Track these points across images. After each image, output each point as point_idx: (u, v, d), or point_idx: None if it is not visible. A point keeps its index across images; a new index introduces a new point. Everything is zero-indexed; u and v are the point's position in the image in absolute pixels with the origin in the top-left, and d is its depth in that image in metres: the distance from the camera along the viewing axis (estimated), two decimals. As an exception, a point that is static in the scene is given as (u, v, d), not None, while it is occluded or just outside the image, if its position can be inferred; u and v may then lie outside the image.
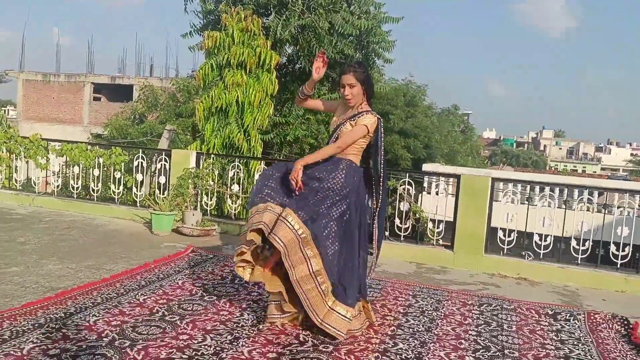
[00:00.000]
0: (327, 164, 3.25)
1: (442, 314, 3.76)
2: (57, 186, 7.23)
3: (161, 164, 6.66)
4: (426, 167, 15.81)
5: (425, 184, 11.61)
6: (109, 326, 3.03)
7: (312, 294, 3.01)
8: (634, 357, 3.21)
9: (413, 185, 5.85)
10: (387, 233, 5.81)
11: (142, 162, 6.82)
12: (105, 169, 7.00)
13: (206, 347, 2.86)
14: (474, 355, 3.04)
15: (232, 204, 6.43)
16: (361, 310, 3.29)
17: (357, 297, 3.23)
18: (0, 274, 3.90)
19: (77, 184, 7.06)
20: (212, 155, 6.74)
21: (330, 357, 2.85)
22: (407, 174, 5.94)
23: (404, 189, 5.82)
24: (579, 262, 5.18)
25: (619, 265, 5.05)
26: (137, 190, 6.80)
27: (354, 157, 3.30)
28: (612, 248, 5.12)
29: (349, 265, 3.15)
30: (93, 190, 7.01)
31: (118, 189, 6.89)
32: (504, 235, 5.40)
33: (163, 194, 6.49)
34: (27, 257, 4.41)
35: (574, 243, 5.21)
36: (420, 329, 3.40)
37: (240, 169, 6.47)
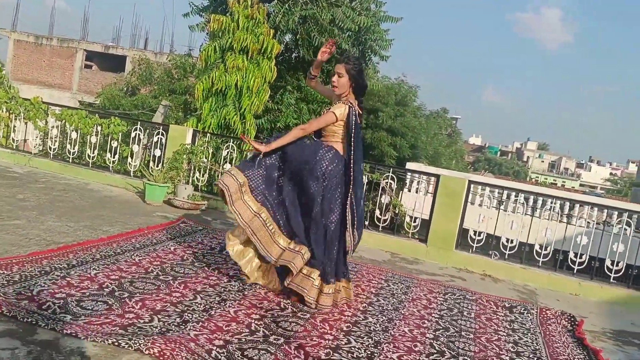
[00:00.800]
0: (312, 148, 3.54)
1: (410, 298, 4.14)
2: (53, 149, 7.42)
3: (158, 138, 6.91)
4: (410, 166, 16.18)
5: (408, 181, 12.00)
6: (109, 279, 3.33)
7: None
8: (574, 348, 3.63)
9: (395, 181, 6.23)
10: (366, 222, 6.18)
11: (139, 134, 7.06)
12: (102, 136, 7.21)
13: (197, 304, 3.18)
14: (434, 333, 3.42)
15: (223, 182, 6.71)
16: (339, 289, 3.59)
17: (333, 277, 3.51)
18: (4, 225, 4.16)
19: (73, 149, 7.26)
20: (208, 134, 7.01)
21: (307, 322, 3.21)
22: (391, 169, 6.31)
23: (386, 183, 6.18)
24: (540, 264, 5.61)
25: (575, 271, 5.50)
26: (131, 161, 7.04)
27: (337, 145, 3.52)
28: (571, 255, 5.57)
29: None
30: (89, 156, 7.22)
31: (113, 157, 7.11)
32: (474, 235, 5.80)
33: (157, 167, 6.74)
34: (28, 213, 4.67)
35: (537, 247, 5.63)
36: (389, 308, 3.78)
37: (233, 150, 6.76)
